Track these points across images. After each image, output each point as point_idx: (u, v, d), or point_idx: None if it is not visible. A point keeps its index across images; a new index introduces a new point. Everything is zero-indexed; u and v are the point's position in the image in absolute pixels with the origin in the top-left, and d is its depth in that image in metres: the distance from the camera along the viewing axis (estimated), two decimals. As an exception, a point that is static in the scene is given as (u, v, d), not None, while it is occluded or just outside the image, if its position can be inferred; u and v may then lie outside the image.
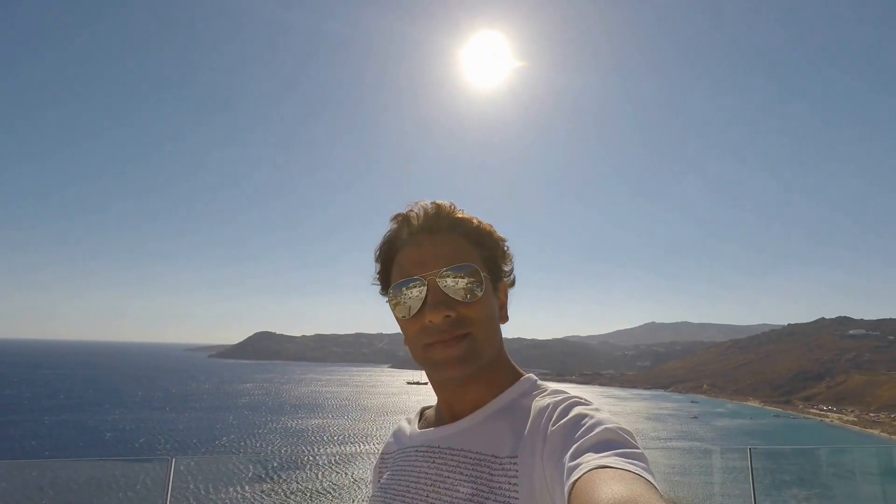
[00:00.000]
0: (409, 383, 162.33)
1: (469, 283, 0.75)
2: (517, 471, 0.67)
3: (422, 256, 0.77)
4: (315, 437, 57.35)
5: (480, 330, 0.75)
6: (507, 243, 0.85)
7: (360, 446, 52.07)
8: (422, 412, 0.93)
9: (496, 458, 0.70)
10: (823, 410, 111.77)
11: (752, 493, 2.77)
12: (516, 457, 0.68)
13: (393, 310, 0.80)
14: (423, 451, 0.80)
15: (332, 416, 76.45)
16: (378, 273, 0.85)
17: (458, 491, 0.70)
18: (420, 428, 0.87)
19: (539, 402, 0.73)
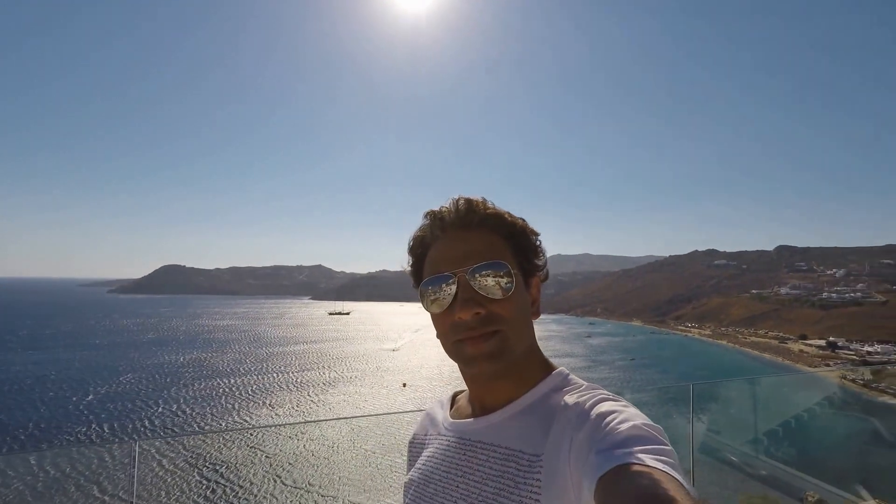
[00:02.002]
0: (330, 314, 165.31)
1: (500, 280, 0.74)
2: (542, 468, 0.67)
3: (453, 253, 0.77)
4: (232, 370, 55.78)
5: (511, 327, 0.75)
6: (539, 238, 0.84)
7: (279, 377, 52.26)
8: (453, 398, 0.93)
9: (524, 454, 0.70)
10: (688, 327, 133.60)
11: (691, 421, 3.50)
12: (542, 454, 0.68)
13: (424, 305, 0.79)
14: (455, 442, 0.81)
15: (251, 347, 74.31)
16: (410, 268, 0.85)
17: (487, 485, 0.71)
18: (452, 416, 0.87)
19: (568, 399, 0.72)
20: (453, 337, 0.76)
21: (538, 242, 0.85)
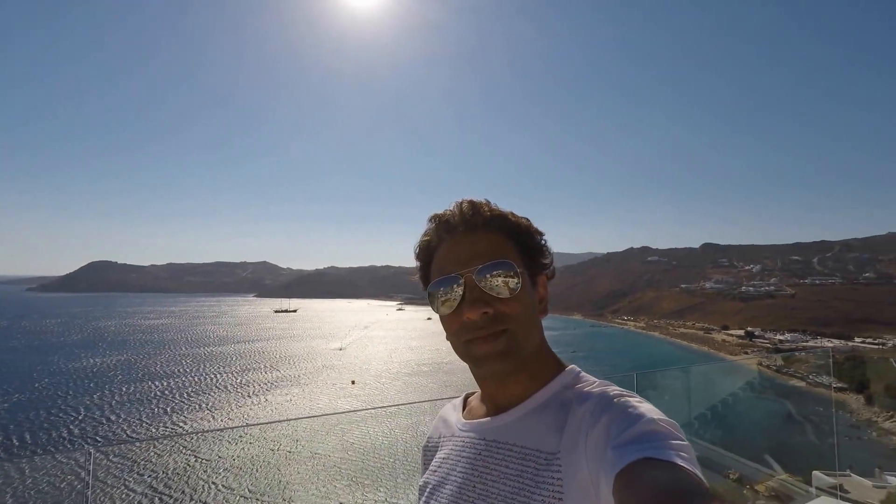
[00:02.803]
0: (276, 311, 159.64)
1: (506, 279, 0.75)
2: (561, 465, 0.66)
3: (459, 254, 0.78)
4: (167, 371, 52.77)
5: (519, 325, 0.75)
6: (544, 237, 0.85)
7: (230, 378, 49.98)
8: (465, 399, 0.94)
9: (541, 452, 0.70)
10: (624, 319, 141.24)
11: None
12: (560, 451, 0.68)
13: (433, 307, 0.80)
14: (470, 443, 0.81)
15: (189, 347, 69.95)
16: (419, 271, 0.86)
17: (505, 484, 0.71)
18: (465, 417, 0.87)
19: (581, 395, 0.72)
20: (463, 337, 0.76)
21: (543, 241, 0.85)
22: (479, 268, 0.75)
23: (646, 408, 0.65)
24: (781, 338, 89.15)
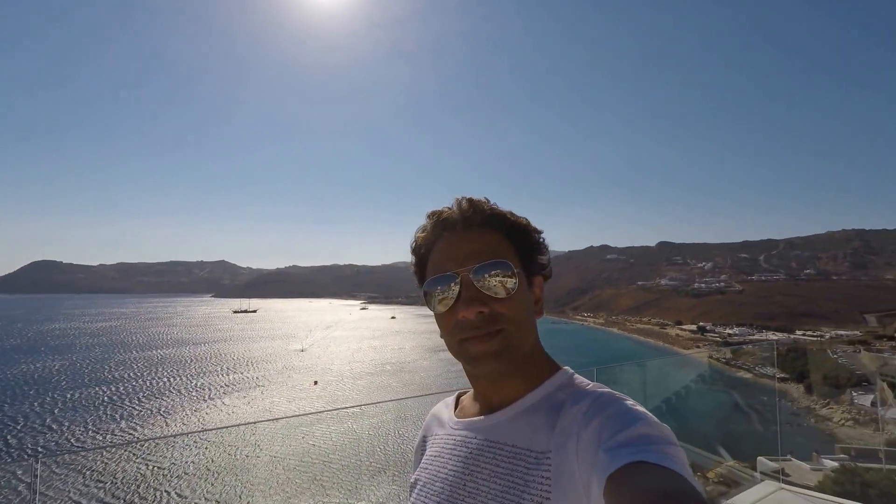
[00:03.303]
0: (235, 312, 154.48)
1: (502, 279, 0.74)
2: (551, 465, 0.66)
3: (456, 253, 0.77)
4: (116, 376, 49.43)
5: (514, 325, 0.75)
6: (542, 235, 0.85)
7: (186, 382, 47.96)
8: (458, 398, 0.94)
9: (531, 451, 0.70)
10: (585, 316, 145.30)
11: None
12: (550, 451, 0.68)
13: (429, 305, 0.80)
14: (462, 441, 0.81)
15: (140, 351, 66.20)
16: (415, 268, 0.85)
17: (496, 483, 0.71)
18: (457, 416, 0.87)
19: (574, 396, 0.73)
20: (458, 336, 0.76)
21: (542, 240, 0.85)
22: (475, 267, 0.75)
23: (639, 411, 0.65)
24: (730, 332, 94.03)
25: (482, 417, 0.81)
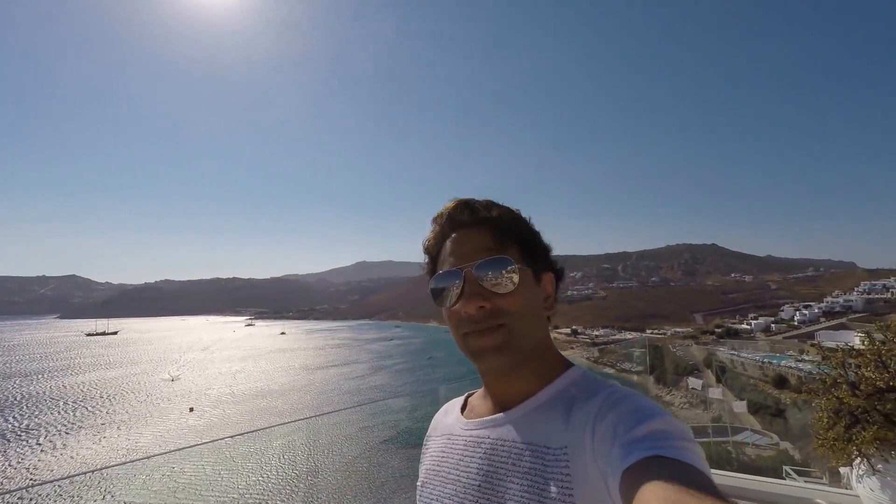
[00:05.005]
0: (88, 335, 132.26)
1: (504, 274, 0.76)
2: (569, 461, 0.66)
3: (460, 250, 0.80)
4: None
5: (516, 320, 0.76)
6: (540, 235, 0.87)
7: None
8: (466, 399, 0.94)
9: (548, 448, 0.69)
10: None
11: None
12: (567, 447, 0.67)
13: (437, 301, 0.81)
14: (475, 441, 0.80)
15: None
16: (427, 267, 0.87)
17: (514, 482, 0.70)
18: (466, 417, 0.87)
19: (588, 392, 0.73)
20: (461, 330, 0.78)
21: (542, 239, 0.87)
22: (478, 263, 0.77)
23: (655, 407, 0.65)
24: (597, 333, 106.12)
25: (495, 416, 0.80)
